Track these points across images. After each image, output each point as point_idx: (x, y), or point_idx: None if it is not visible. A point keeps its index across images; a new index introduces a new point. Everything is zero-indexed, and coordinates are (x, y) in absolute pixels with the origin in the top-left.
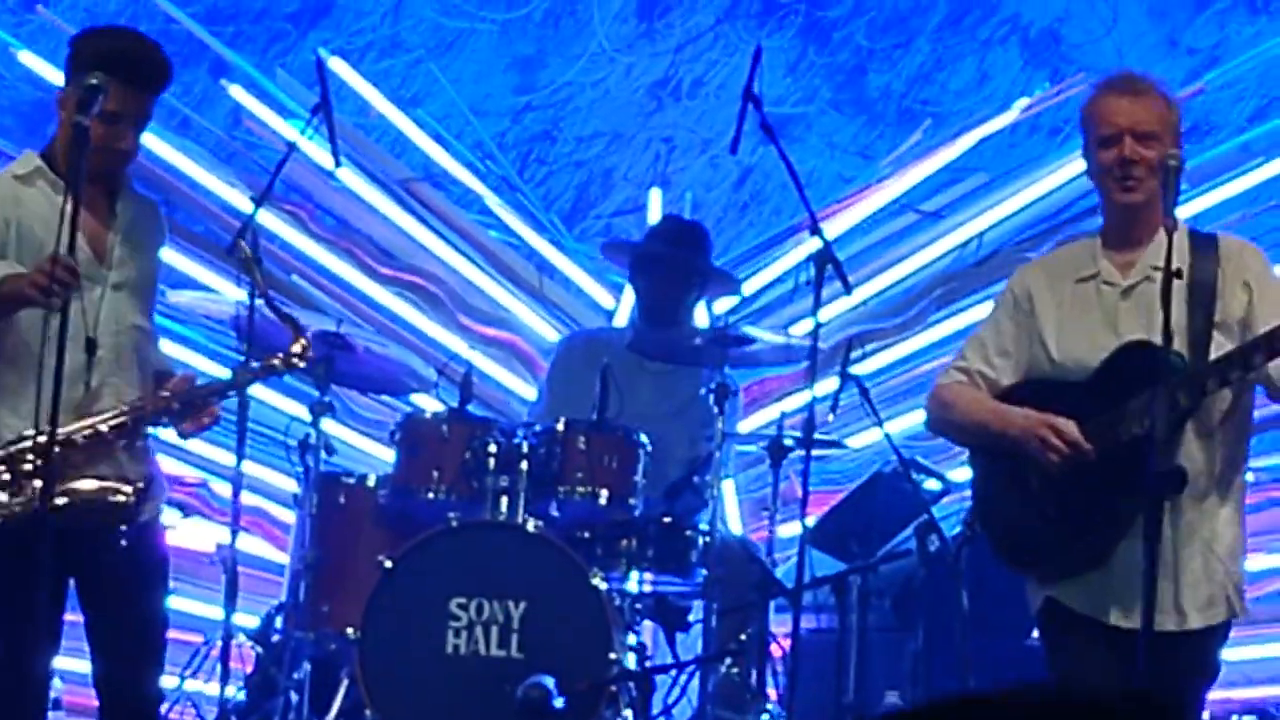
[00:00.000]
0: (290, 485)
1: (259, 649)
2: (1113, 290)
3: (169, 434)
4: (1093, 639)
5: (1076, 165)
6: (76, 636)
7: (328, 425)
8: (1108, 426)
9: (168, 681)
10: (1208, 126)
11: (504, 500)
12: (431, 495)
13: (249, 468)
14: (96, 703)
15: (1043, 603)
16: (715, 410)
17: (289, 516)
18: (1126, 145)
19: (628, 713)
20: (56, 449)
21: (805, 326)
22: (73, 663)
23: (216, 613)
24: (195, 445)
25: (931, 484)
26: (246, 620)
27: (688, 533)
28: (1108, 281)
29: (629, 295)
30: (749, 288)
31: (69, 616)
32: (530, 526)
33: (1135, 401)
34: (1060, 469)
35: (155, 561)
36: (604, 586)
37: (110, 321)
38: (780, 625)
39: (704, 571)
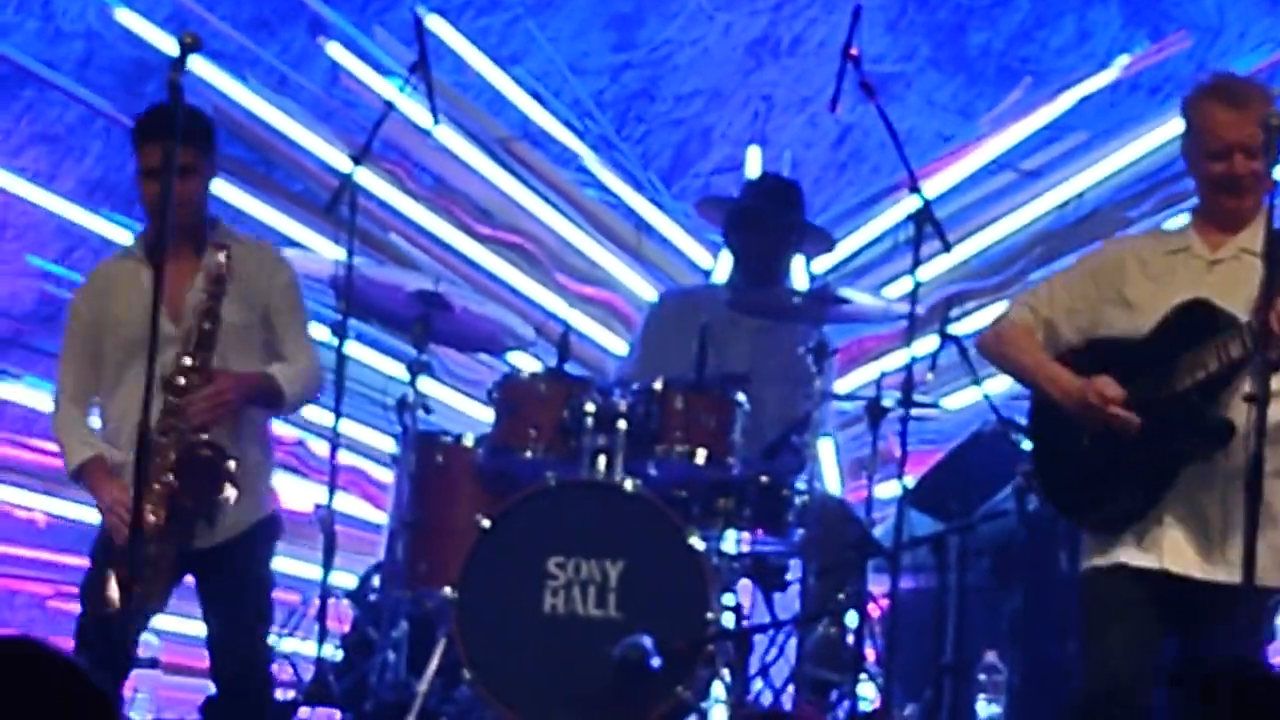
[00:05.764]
0: (388, 444)
1: (356, 608)
2: (1200, 261)
3: None
4: (1150, 592)
5: (1176, 125)
6: (177, 596)
7: (425, 384)
8: (1161, 379)
9: None
10: None
11: (601, 459)
12: (529, 454)
13: (346, 427)
14: (194, 662)
15: (1109, 566)
16: (813, 369)
17: (387, 476)
18: (1238, 163)
19: (725, 672)
20: None
21: (904, 285)
22: (172, 621)
23: (314, 572)
24: None
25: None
26: (344, 579)
27: (785, 492)
28: (1196, 255)
29: (726, 254)
30: (848, 246)
31: None
32: (628, 486)
33: (1189, 354)
34: (1096, 432)
35: None
36: (701, 546)
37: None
38: (878, 585)
39: (801, 531)
